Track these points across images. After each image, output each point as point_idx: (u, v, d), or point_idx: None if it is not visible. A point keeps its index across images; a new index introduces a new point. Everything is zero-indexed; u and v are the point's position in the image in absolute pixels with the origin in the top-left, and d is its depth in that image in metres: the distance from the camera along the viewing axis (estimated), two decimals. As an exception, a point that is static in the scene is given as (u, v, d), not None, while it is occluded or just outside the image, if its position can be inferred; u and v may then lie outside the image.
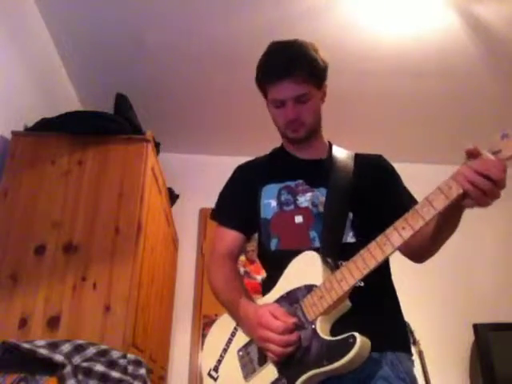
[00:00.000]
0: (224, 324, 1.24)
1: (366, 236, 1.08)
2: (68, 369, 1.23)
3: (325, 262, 1.10)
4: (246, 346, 1.16)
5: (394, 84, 2.77)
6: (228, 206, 1.39)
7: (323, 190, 1.26)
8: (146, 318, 2.01)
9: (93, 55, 2.55)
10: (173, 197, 2.99)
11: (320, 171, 1.30)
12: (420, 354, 2.54)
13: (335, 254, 1.14)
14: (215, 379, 1.18)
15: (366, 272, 0.99)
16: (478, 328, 2.97)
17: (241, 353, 1.16)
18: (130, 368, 1.31)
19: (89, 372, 1.26)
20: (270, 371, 1.07)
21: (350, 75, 2.69)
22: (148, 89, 2.80)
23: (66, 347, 1.29)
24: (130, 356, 1.35)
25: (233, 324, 1.22)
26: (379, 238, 1.00)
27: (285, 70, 1.21)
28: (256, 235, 1.38)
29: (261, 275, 3.26)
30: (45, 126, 2.03)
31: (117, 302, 1.69)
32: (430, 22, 2.30)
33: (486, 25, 2.30)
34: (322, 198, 1.24)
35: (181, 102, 2.97)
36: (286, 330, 1.03)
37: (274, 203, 1.29)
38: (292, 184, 1.29)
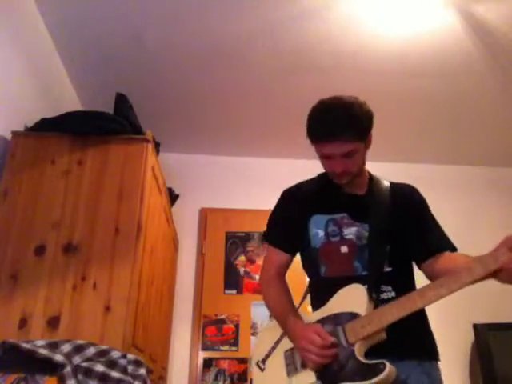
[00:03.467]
0: (276, 326, 1.42)
1: (398, 264, 1.37)
2: (68, 369, 1.23)
3: (370, 296, 1.27)
4: (292, 349, 1.34)
5: (393, 84, 2.76)
6: (279, 229, 1.53)
7: (365, 226, 1.40)
8: (145, 318, 2.01)
9: (93, 55, 2.55)
10: (173, 197, 2.99)
11: (361, 206, 1.44)
12: (420, 353, 2.53)
13: (378, 281, 1.33)
14: (262, 370, 1.41)
15: (401, 316, 1.17)
16: (477, 328, 2.97)
17: (287, 353, 1.35)
18: (130, 368, 1.31)
19: (89, 372, 1.26)
20: (309, 375, 1.26)
21: (350, 75, 2.69)
22: (148, 88, 2.80)
23: (66, 347, 1.29)
24: (130, 356, 1.35)
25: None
26: (419, 291, 1.18)
27: (331, 135, 1.30)
28: (256, 235, 1.42)
29: (261, 275, 3.26)
30: (45, 126, 2.03)
31: (117, 302, 1.69)
32: (430, 21, 2.30)
33: (486, 24, 2.30)
34: (365, 233, 1.39)
35: (181, 102, 2.97)
36: (324, 345, 1.21)
37: (321, 233, 1.43)
38: (337, 217, 1.43)
